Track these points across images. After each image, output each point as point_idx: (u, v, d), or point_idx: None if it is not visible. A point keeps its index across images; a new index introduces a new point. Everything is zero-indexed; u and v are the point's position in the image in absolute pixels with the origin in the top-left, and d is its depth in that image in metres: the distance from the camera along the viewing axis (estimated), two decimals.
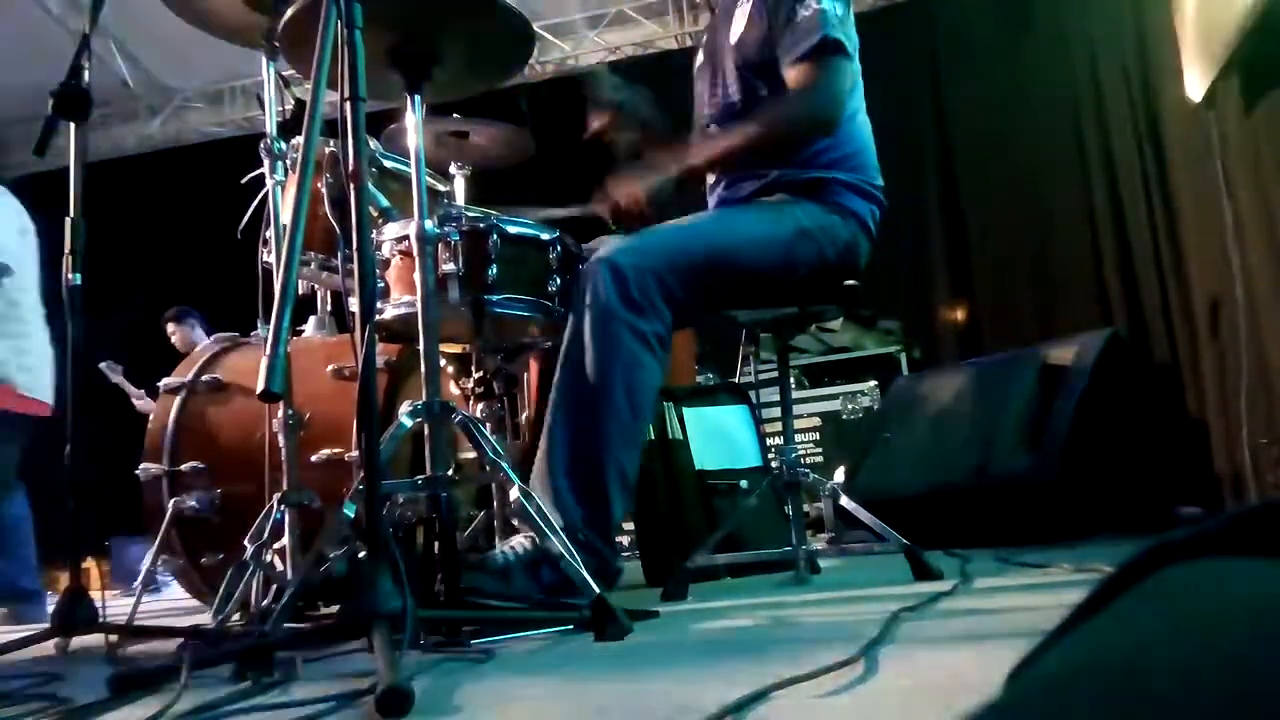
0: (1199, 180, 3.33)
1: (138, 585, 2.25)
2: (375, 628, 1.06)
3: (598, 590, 1.42)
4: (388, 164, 2.14)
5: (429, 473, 1.56)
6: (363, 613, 1.10)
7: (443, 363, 2.27)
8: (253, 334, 2.47)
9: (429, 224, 1.65)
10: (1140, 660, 0.22)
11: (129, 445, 2.48)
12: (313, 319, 2.58)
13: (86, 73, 1.83)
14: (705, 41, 2.41)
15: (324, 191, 2.01)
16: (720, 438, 2.62)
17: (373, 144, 2.19)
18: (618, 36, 6.25)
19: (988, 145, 5.27)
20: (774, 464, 2.34)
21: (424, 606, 1.41)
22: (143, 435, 2.38)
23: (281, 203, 2.01)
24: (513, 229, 1.86)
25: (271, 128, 2.05)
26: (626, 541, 3.24)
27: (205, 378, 2.38)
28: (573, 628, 1.42)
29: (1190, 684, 0.20)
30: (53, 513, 3.04)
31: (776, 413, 2.32)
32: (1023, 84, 5.16)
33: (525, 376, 2.41)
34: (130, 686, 1.15)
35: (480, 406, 2.09)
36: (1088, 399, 2.84)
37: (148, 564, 2.25)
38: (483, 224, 1.82)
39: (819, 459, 4.38)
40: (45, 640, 1.67)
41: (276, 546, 1.82)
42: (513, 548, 1.73)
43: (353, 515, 1.43)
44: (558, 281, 1.91)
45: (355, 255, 1.23)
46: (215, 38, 2.10)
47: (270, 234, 2.05)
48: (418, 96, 1.63)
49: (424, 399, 1.57)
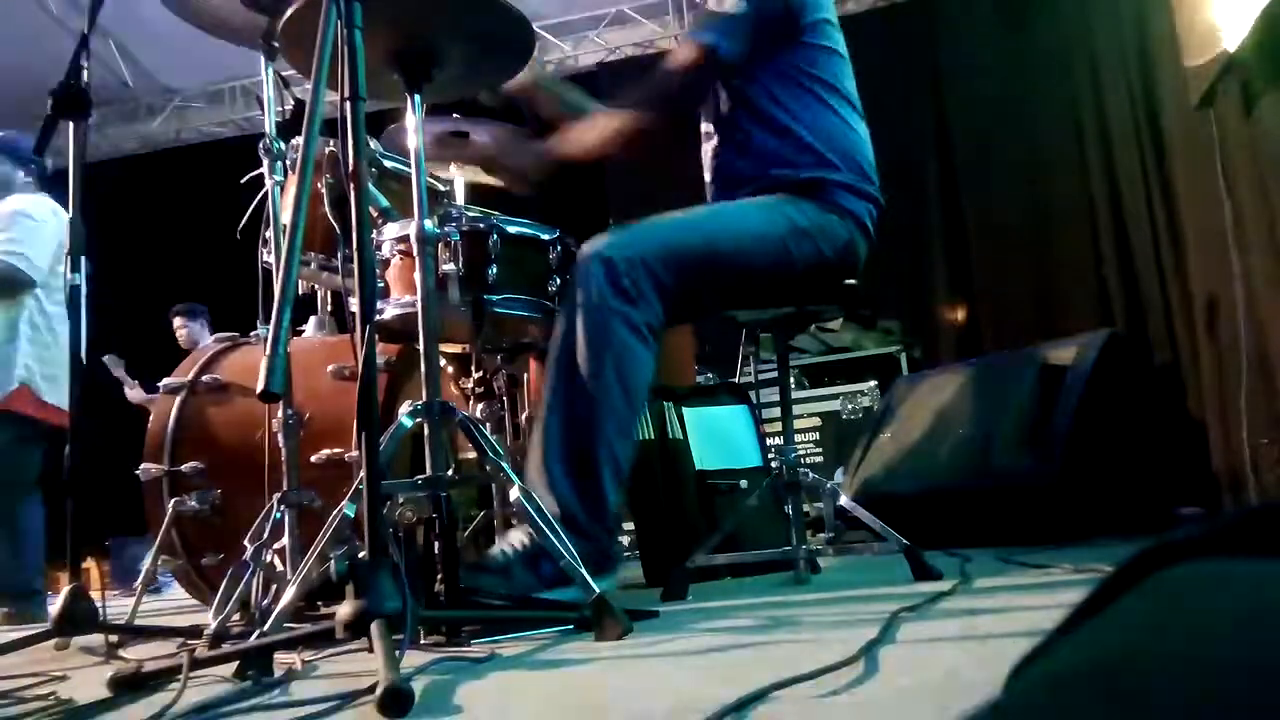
0: (1199, 180, 3.33)
1: (138, 585, 2.25)
2: (375, 628, 1.07)
3: (597, 588, 1.42)
4: (387, 164, 2.14)
5: (429, 473, 1.56)
6: (363, 613, 1.10)
7: (443, 363, 2.27)
8: (253, 334, 2.47)
9: (429, 224, 1.65)
10: (1140, 660, 0.22)
11: (129, 445, 2.48)
12: (313, 319, 2.59)
13: (86, 73, 1.83)
14: None
15: (324, 191, 2.01)
16: (720, 438, 2.62)
17: (373, 144, 2.19)
18: (618, 36, 6.25)
19: (987, 145, 5.27)
20: (774, 464, 2.34)
21: (424, 606, 1.41)
22: (143, 435, 2.38)
23: (281, 203, 2.01)
24: (513, 229, 1.85)
25: (271, 128, 2.05)
26: (626, 541, 3.23)
27: (205, 378, 2.38)
28: (573, 627, 1.43)
29: (1190, 684, 0.20)
30: (53, 513, 3.05)
31: (776, 413, 2.31)
32: (1023, 84, 5.16)
33: (525, 376, 2.41)
34: (130, 686, 1.15)
35: (480, 406, 2.10)
36: (1088, 399, 2.83)
37: (148, 564, 2.25)
38: (483, 224, 1.82)
39: (819, 459, 4.38)
40: (45, 640, 1.67)
41: (276, 546, 1.82)
42: (511, 544, 1.73)
43: (353, 515, 1.43)
44: (557, 281, 1.91)
45: (355, 255, 1.23)
46: (215, 38, 2.11)
47: (270, 234, 2.05)
48: (418, 96, 1.63)
49: (424, 399, 1.57)
